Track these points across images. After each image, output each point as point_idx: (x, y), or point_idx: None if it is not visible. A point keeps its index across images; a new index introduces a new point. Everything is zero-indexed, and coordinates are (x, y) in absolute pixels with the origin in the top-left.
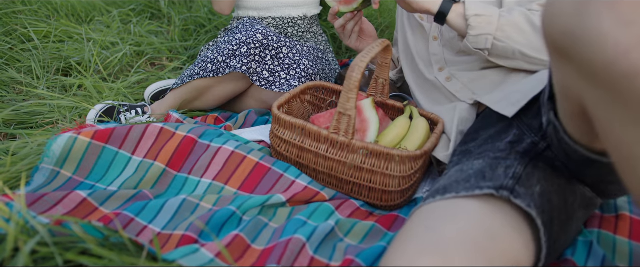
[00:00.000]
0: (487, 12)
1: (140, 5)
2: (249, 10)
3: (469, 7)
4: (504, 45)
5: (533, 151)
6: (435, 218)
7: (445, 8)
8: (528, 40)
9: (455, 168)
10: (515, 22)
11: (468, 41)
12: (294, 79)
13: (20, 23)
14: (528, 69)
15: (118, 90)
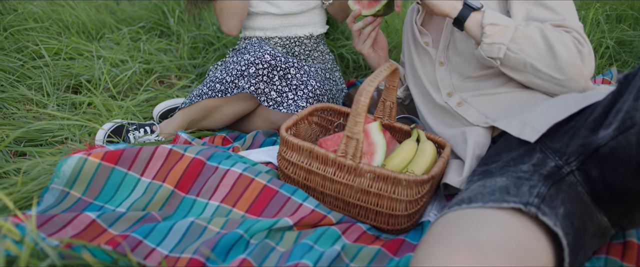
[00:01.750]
0: (503, 22)
1: (150, 22)
2: (256, 30)
3: (487, 16)
4: (516, 56)
5: (556, 174)
6: (466, 223)
7: (463, 14)
8: (540, 55)
9: (477, 183)
10: (530, 36)
11: (482, 49)
12: (302, 99)
13: (31, 40)
14: (536, 83)
15: (127, 108)
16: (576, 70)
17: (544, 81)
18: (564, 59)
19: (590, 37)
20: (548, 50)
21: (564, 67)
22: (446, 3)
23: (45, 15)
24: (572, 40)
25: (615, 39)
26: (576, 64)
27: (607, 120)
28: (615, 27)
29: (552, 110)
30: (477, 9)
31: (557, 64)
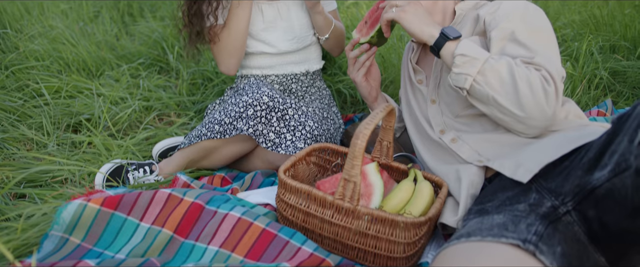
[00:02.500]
0: (474, 54)
1: (149, 58)
2: (252, 69)
3: (460, 46)
4: (481, 88)
5: (553, 214)
6: (465, 255)
7: (438, 43)
8: (504, 90)
9: (474, 220)
10: (498, 70)
11: (450, 78)
12: (300, 140)
13: (32, 78)
14: (499, 118)
15: (126, 147)
16: (538, 109)
17: (505, 116)
18: (527, 96)
19: (584, 68)
20: (512, 86)
21: (525, 104)
22: (425, 31)
23: (46, 53)
24: (540, 79)
25: (609, 69)
26: (539, 102)
27: (602, 161)
28: (609, 57)
29: (546, 149)
30: (453, 38)
31: (519, 100)
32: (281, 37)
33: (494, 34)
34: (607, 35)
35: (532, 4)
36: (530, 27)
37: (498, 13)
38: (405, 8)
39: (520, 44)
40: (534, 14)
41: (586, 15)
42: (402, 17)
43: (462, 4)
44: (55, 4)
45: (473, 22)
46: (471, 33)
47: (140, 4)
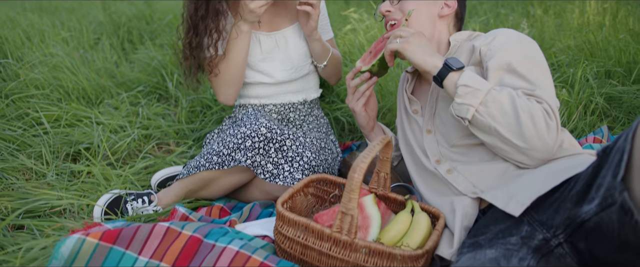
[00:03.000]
0: (476, 85)
1: (149, 86)
2: (250, 98)
3: (463, 77)
4: (483, 119)
5: (545, 246)
6: None
7: (442, 73)
8: (507, 121)
9: (467, 255)
10: (500, 101)
11: (453, 108)
12: (298, 171)
13: (32, 107)
14: (500, 148)
15: (125, 177)
16: (540, 141)
17: (506, 146)
18: (529, 128)
19: (580, 94)
20: (515, 118)
21: (527, 136)
22: (428, 61)
23: (46, 81)
24: (542, 112)
25: (605, 95)
26: (541, 135)
27: (590, 194)
28: (605, 83)
29: (537, 181)
30: (456, 69)
31: (522, 132)
32: (279, 67)
33: (490, 64)
34: (602, 61)
35: (525, 35)
36: (527, 59)
37: (494, 43)
38: (409, 39)
39: (518, 75)
40: (528, 45)
41: (581, 40)
42: (405, 48)
43: (457, 35)
44: (56, 32)
45: (468, 53)
46: (467, 63)
47: (140, 30)
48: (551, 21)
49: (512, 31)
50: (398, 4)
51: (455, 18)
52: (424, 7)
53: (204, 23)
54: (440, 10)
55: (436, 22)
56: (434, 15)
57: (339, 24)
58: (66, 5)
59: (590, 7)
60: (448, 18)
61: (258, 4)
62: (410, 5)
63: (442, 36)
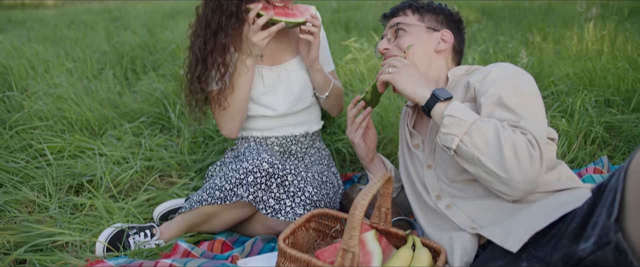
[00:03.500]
0: (462, 115)
1: (151, 116)
2: (253, 130)
3: (449, 107)
4: (467, 149)
5: None
6: None
7: (429, 104)
8: (490, 151)
9: None
10: (484, 132)
11: (439, 138)
12: (299, 206)
13: (36, 138)
14: (484, 178)
15: (128, 210)
16: (521, 172)
17: (489, 176)
18: (511, 159)
19: (579, 124)
20: (497, 148)
21: (508, 166)
22: (417, 92)
23: (50, 113)
24: (526, 143)
25: (605, 123)
26: (522, 166)
27: (586, 232)
28: (605, 111)
29: (535, 216)
30: (443, 99)
31: (503, 162)
32: (281, 100)
33: (483, 100)
34: (601, 89)
35: (520, 69)
36: (517, 92)
37: (487, 79)
38: (400, 70)
39: (507, 108)
40: (521, 79)
41: (580, 68)
42: (396, 79)
43: (455, 70)
44: (61, 62)
45: (464, 89)
46: (463, 99)
47: (143, 60)
48: (550, 48)
49: (508, 65)
50: (395, 41)
51: (453, 52)
52: (420, 42)
53: (212, 57)
54: (436, 45)
55: (433, 57)
56: (430, 51)
57: (340, 53)
58: (70, 35)
59: (588, 34)
60: (445, 53)
61: (260, 36)
62: (406, 42)
63: (441, 71)
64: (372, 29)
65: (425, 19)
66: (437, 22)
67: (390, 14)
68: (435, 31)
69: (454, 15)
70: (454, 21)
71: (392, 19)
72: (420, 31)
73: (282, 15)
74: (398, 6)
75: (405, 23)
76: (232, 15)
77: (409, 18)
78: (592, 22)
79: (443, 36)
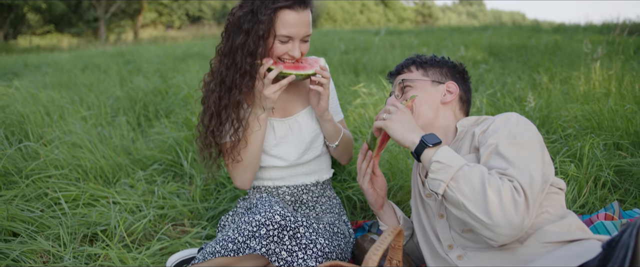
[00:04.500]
0: (449, 161)
1: (163, 164)
2: (264, 180)
3: (437, 153)
4: (453, 194)
5: None
6: None
7: (418, 150)
8: (474, 196)
9: None
10: (470, 177)
11: (427, 183)
12: (311, 258)
13: (51, 186)
14: (470, 224)
15: (141, 260)
16: (505, 218)
17: (474, 222)
18: (494, 204)
19: (588, 169)
20: (482, 194)
21: (492, 212)
22: (407, 138)
23: (65, 161)
24: (510, 189)
25: (615, 167)
26: (507, 212)
27: None
28: (614, 154)
29: None
30: (432, 145)
31: (487, 208)
32: (292, 150)
33: (482, 151)
34: (610, 132)
35: (523, 119)
36: (514, 141)
37: (488, 130)
38: (392, 117)
39: (501, 156)
40: (520, 128)
41: (588, 110)
42: (388, 126)
43: (463, 121)
44: (76, 109)
45: (470, 139)
46: (469, 149)
47: (156, 105)
48: (557, 89)
49: (512, 116)
50: (402, 97)
51: (460, 102)
52: (426, 95)
53: (226, 112)
54: (442, 97)
55: (440, 109)
56: (436, 103)
57: (349, 97)
58: (85, 80)
59: (595, 74)
60: (452, 104)
61: (272, 90)
62: None
63: (449, 122)
64: (379, 71)
65: (429, 73)
66: (442, 75)
67: (396, 71)
68: (440, 84)
69: (457, 67)
70: (459, 72)
71: (398, 76)
72: (426, 85)
73: (292, 68)
74: (402, 63)
75: (410, 79)
76: (246, 74)
77: (414, 74)
78: (599, 62)
79: (448, 88)
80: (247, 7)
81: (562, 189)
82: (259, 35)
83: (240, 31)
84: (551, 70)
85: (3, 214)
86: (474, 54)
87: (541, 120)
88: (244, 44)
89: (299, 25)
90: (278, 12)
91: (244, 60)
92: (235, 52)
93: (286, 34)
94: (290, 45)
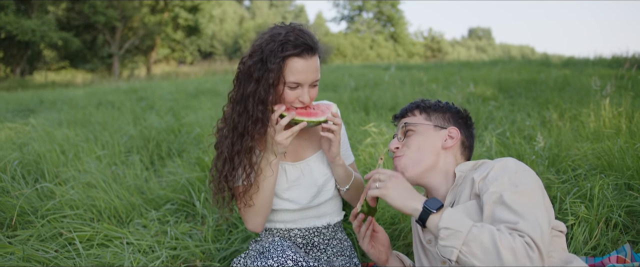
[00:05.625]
0: (457, 225)
1: (176, 203)
2: (276, 222)
3: (443, 219)
4: (467, 259)
5: None
6: None
7: (422, 217)
8: (489, 259)
9: None
10: (481, 240)
11: (438, 250)
12: None
13: (66, 226)
14: None
15: None
16: None
17: None
18: (510, 263)
19: (598, 210)
20: (495, 254)
21: None
22: (408, 205)
23: (80, 201)
24: (523, 245)
25: (626, 208)
26: None
27: None
28: (625, 195)
29: None
30: (435, 210)
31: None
32: (304, 194)
33: (485, 198)
34: (621, 171)
35: (521, 164)
36: (517, 190)
37: (488, 177)
38: (387, 184)
39: (507, 206)
40: (521, 175)
41: (598, 149)
42: (385, 194)
43: (462, 166)
44: (90, 148)
45: (470, 185)
46: (469, 196)
47: (169, 144)
48: (567, 126)
49: (510, 161)
50: (404, 141)
51: (462, 147)
52: (428, 140)
53: (239, 158)
54: (444, 142)
55: (441, 154)
56: (438, 148)
57: (359, 136)
58: (99, 118)
59: (605, 111)
60: (453, 149)
61: (284, 136)
62: (415, 142)
63: (449, 167)
64: (390, 108)
65: (432, 118)
66: (444, 120)
67: (400, 115)
68: (442, 129)
69: (461, 113)
70: (462, 118)
71: (402, 119)
72: (428, 129)
73: (304, 115)
74: (407, 107)
75: (413, 123)
76: (258, 121)
77: (417, 118)
78: (608, 99)
79: (450, 133)
80: (256, 56)
81: (563, 231)
82: (269, 83)
83: (251, 79)
84: (561, 106)
85: (19, 255)
86: (483, 90)
87: (551, 159)
88: (255, 92)
89: (307, 72)
90: (286, 60)
91: (255, 107)
92: (247, 100)
93: (295, 80)
94: (300, 91)
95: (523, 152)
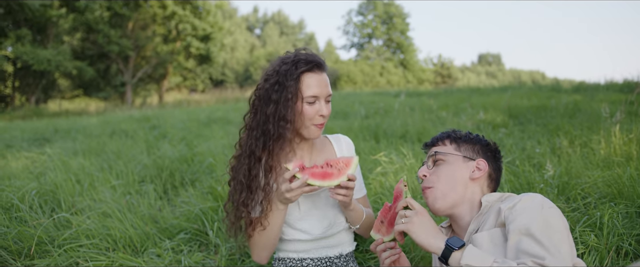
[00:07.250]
0: (479, 262)
1: (189, 233)
2: (289, 252)
3: (465, 256)
4: None
5: None
6: None
7: (445, 254)
8: None
9: None
10: None
11: None
12: None
13: (82, 256)
14: None
15: None
16: None
17: None
18: None
19: (608, 239)
20: None
21: None
22: (431, 243)
23: (96, 231)
24: None
25: (636, 236)
26: None
27: None
28: (636, 223)
29: None
30: (458, 248)
31: None
32: (316, 225)
33: (511, 228)
34: (631, 199)
35: (548, 201)
36: (546, 224)
37: (516, 208)
38: (412, 220)
39: (535, 239)
40: (549, 211)
41: (608, 177)
42: (410, 230)
43: (488, 196)
44: (105, 177)
45: (496, 214)
46: (494, 224)
47: (182, 173)
48: (577, 153)
49: (537, 197)
50: (433, 169)
51: (489, 179)
52: (457, 170)
53: (255, 182)
54: (471, 173)
55: (468, 184)
56: (465, 178)
57: (370, 165)
58: (113, 147)
59: (615, 138)
60: (480, 180)
61: (294, 194)
62: (444, 171)
63: (475, 197)
64: (399, 136)
65: (461, 149)
66: (474, 152)
67: (431, 143)
68: (471, 160)
69: (490, 146)
70: (490, 151)
71: (432, 147)
72: (457, 160)
73: (319, 176)
74: (438, 136)
75: (443, 152)
76: (280, 138)
77: (447, 148)
78: (618, 125)
79: (478, 165)
80: (273, 79)
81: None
82: (288, 99)
83: (270, 102)
84: (571, 133)
85: None
86: (493, 116)
87: (561, 187)
88: (275, 112)
89: (321, 85)
90: (302, 76)
91: (276, 125)
92: (266, 121)
93: (312, 94)
94: (318, 106)
95: (533, 180)
